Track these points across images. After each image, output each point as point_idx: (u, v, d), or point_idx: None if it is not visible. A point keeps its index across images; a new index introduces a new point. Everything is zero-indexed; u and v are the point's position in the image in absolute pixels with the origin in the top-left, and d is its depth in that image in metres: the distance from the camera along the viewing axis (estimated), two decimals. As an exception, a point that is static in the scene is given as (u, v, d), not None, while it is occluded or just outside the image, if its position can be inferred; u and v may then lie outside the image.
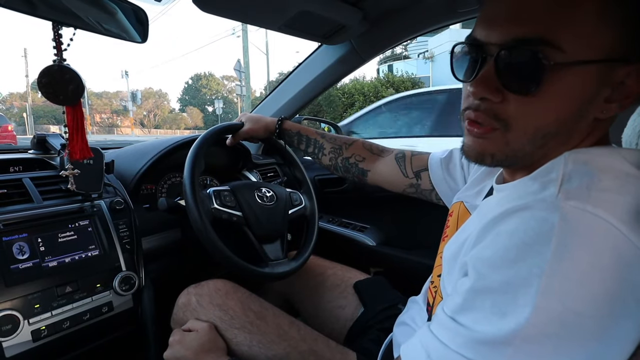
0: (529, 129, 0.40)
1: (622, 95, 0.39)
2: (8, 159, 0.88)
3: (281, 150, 1.05)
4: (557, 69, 0.37)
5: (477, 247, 0.39)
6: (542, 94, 0.38)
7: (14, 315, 0.65)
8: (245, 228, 0.85)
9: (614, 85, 0.39)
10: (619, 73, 0.38)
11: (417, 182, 0.82)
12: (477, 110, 0.42)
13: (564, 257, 0.32)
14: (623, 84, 0.39)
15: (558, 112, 0.39)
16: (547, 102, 0.39)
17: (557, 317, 0.31)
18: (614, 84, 0.39)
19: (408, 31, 1.02)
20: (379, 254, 1.32)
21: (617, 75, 0.38)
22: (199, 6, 0.76)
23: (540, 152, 0.42)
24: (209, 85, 45.69)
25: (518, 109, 0.40)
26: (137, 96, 25.45)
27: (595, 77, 0.38)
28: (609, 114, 0.40)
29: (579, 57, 0.37)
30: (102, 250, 0.79)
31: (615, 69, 0.38)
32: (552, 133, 0.40)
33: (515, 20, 0.38)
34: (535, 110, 0.39)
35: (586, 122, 0.41)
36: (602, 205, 0.34)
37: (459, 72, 0.45)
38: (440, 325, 0.39)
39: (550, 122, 0.40)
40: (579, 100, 0.39)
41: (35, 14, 0.55)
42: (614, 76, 0.38)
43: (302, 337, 0.73)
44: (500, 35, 0.39)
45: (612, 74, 0.38)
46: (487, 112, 0.42)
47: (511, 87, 0.39)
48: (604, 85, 0.39)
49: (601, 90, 0.39)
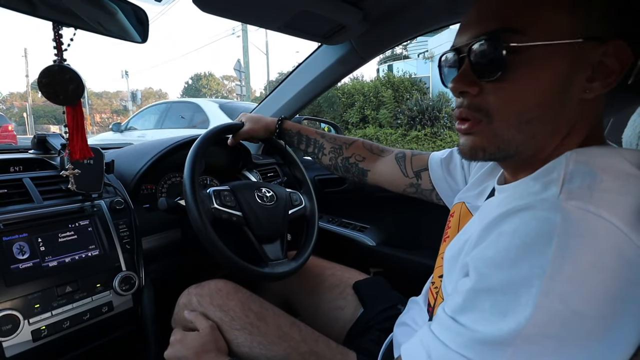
0: (510, 115, 0.42)
1: (604, 74, 0.40)
2: (8, 159, 0.88)
3: (281, 150, 1.05)
4: (520, 52, 0.40)
5: (479, 248, 0.39)
6: (514, 79, 0.41)
7: (14, 315, 0.65)
8: (245, 228, 0.85)
9: (594, 65, 0.40)
10: (595, 53, 0.40)
11: (417, 182, 0.82)
12: (461, 107, 0.45)
13: (565, 257, 0.32)
14: (602, 63, 0.40)
15: (536, 95, 0.41)
16: (520, 86, 0.41)
17: (558, 318, 0.31)
18: (593, 63, 0.40)
19: (408, 31, 1.02)
20: (378, 254, 1.32)
21: (593, 55, 0.40)
22: (199, 6, 0.76)
23: (532, 142, 0.43)
24: (209, 85, 45.67)
25: (495, 97, 0.43)
26: (137, 96, 25.42)
27: (567, 57, 0.40)
28: (593, 92, 0.41)
29: (541, 40, 0.40)
30: (102, 250, 0.79)
31: (588, 49, 0.39)
32: (535, 118, 0.42)
33: (481, 20, 0.43)
34: (511, 96, 0.42)
35: (571, 105, 0.42)
36: (604, 205, 0.34)
37: (447, 80, 0.49)
38: (441, 325, 0.39)
39: (530, 106, 0.42)
40: (554, 81, 0.40)
41: (36, 14, 0.55)
42: (589, 56, 0.40)
43: (303, 337, 0.73)
44: (470, 35, 0.44)
45: (586, 54, 0.40)
46: (470, 106, 0.45)
47: (483, 75, 0.43)
48: (582, 65, 0.40)
49: (579, 70, 0.40)
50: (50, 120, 34.35)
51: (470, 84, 0.44)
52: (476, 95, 0.44)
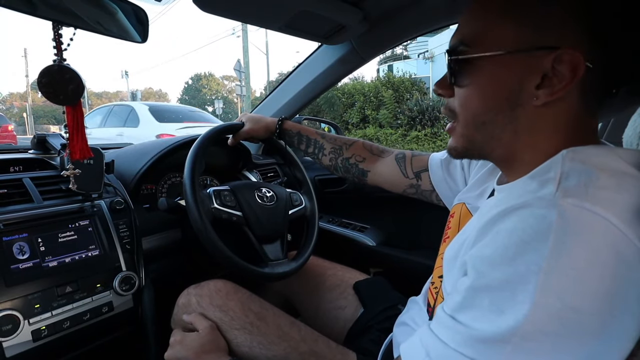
0: (467, 117, 0.47)
1: (557, 81, 0.40)
2: (8, 159, 0.88)
3: (282, 150, 1.05)
4: (469, 63, 0.45)
5: (477, 246, 0.39)
6: (468, 85, 0.46)
7: (14, 315, 0.65)
8: (245, 228, 0.85)
9: (547, 73, 0.40)
10: (544, 61, 0.40)
11: (417, 183, 0.82)
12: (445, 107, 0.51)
13: (562, 254, 0.32)
14: (556, 70, 0.40)
15: (485, 100, 0.45)
16: (473, 91, 0.46)
17: (556, 314, 0.32)
18: (545, 71, 0.40)
19: (408, 31, 1.02)
20: (378, 254, 1.32)
21: (543, 63, 0.40)
22: (199, 6, 0.76)
23: (495, 142, 0.46)
24: (209, 85, 45.68)
25: (458, 100, 0.48)
26: (137, 96, 25.41)
27: (513, 66, 0.42)
28: (540, 100, 0.42)
29: (483, 52, 0.43)
30: (102, 250, 0.79)
31: (538, 57, 0.40)
32: (488, 121, 0.45)
33: (455, 31, 0.48)
34: (467, 99, 0.47)
35: (525, 110, 0.43)
36: (600, 202, 0.34)
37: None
38: (440, 324, 0.39)
39: (481, 109, 0.46)
40: (502, 88, 0.44)
41: (36, 13, 0.55)
42: (540, 64, 0.40)
43: (303, 337, 0.73)
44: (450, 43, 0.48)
45: (535, 61, 0.41)
46: (446, 107, 0.51)
47: (451, 81, 0.48)
48: (531, 73, 0.41)
49: (528, 78, 0.42)
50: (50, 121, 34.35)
51: (444, 88, 0.50)
52: (449, 97, 0.50)
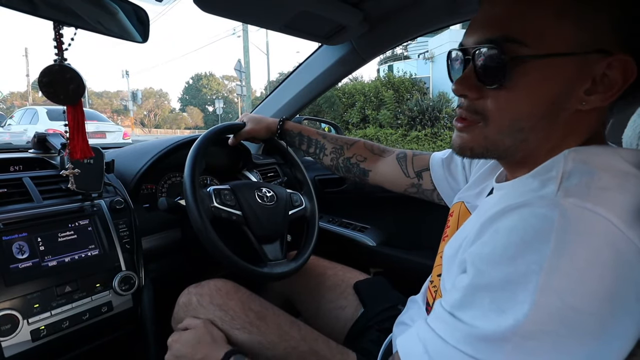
0: (504, 121, 0.43)
1: (606, 87, 0.40)
2: (8, 158, 0.88)
3: (282, 151, 1.05)
4: (522, 63, 0.40)
5: (476, 244, 0.39)
6: (514, 87, 0.41)
7: (13, 315, 0.65)
8: (244, 227, 0.85)
9: (597, 78, 0.40)
10: (598, 65, 0.39)
11: (418, 182, 0.82)
12: (461, 107, 0.47)
13: (563, 254, 0.32)
14: (606, 76, 0.39)
15: (532, 105, 0.42)
16: (518, 94, 0.41)
17: (556, 314, 0.32)
18: (595, 76, 0.39)
19: (409, 32, 1.02)
20: (379, 254, 1.32)
21: (597, 68, 0.39)
22: (200, 6, 0.76)
23: (522, 146, 0.44)
24: (209, 85, 45.68)
25: (493, 102, 0.43)
26: (138, 96, 25.42)
27: (569, 70, 0.40)
28: (589, 105, 0.41)
29: (543, 51, 0.39)
30: (101, 249, 0.79)
31: (591, 62, 0.39)
32: (528, 127, 0.43)
33: (486, 24, 0.43)
34: (509, 103, 0.42)
35: (566, 115, 0.42)
36: (601, 203, 0.34)
37: (454, 76, 0.49)
38: (438, 319, 0.39)
39: (524, 114, 0.42)
40: (552, 93, 0.41)
41: (37, 13, 0.55)
42: (592, 68, 0.39)
43: (303, 337, 0.73)
44: (476, 38, 0.44)
45: (589, 66, 0.39)
46: (469, 108, 0.46)
47: (484, 81, 0.43)
48: (582, 78, 0.40)
49: (578, 82, 0.40)
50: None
51: (471, 87, 0.45)
52: (476, 98, 0.45)
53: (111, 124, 9.21)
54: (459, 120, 0.47)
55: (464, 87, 0.45)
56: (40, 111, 7.62)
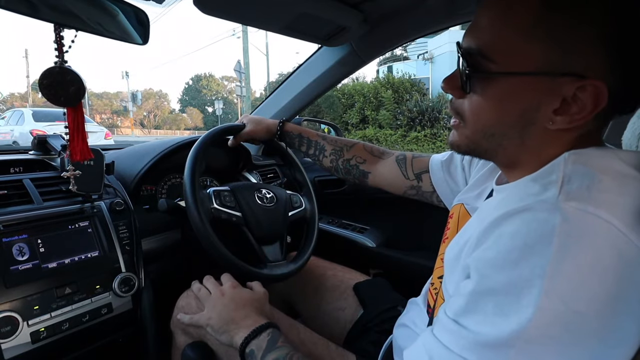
0: (477, 126, 0.46)
1: (577, 108, 0.39)
2: (8, 160, 0.88)
3: (282, 152, 1.05)
4: (491, 77, 0.42)
5: (479, 249, 0.39)
6: (485, 96, 0.44)
7: (13, 317, 0.65)
8: (244, 229, 0.85)
9: (567, 98, 0.39)
10: (569, 86, 0.38)
11: (418, 184, 0.82)
12: (450, 104, 0.50)
13: (565, 257, 0.32)
14: (577, 98, 0.39)
15: (499, 115, 0.43)
16: (489, 104, 0.44)
17: (560, 318, 0.32)
18: (565, 96, 0.39)
19: (408, 33, 1.03)
20: (378, 255, 1.32)
21: (567, 88, 0.39)
22: (200, 8, 0.76)
23: (501, 150, 0.46)
24: (209, 86, 45.68)
25: (469, 107, 0.46)
26: (138, 97, 25.43)
27: (536, 88, 0.40)
28: (556, 126, 0.41)
29: (509, 69, 0.41)
30: (101, 251, 0.79)
31: (561, 83, 0.39)
32: (499, 133, 0.45)
33: (470, 33, 0.45)
34: (480, 110, 0.45)
35: (536, 129, 0.42)
36: (602, 205, 0.34)
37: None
38: (443, 328, 0.39)
39: (494, 122, 0.44)
40: (518, 107, 0.42)
41: (37, 16, 0.55)
42: (563, 89, 0.39)
43: (301, 340, 0.72)
44: (463, 43, 0.45)
45: (558, 87, 0.39)
46: (452, 107, 0.49)
47: (462, 86, 0.45)
48: (550, 97, 0.40)
49: (546, 101, 0.40)
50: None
51: (453, 88, 0.47)
52: (458, 98, 0.48)
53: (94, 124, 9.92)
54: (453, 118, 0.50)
55: (447, 86, 0.48)
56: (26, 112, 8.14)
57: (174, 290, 0.83)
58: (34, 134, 1.01)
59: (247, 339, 0.63)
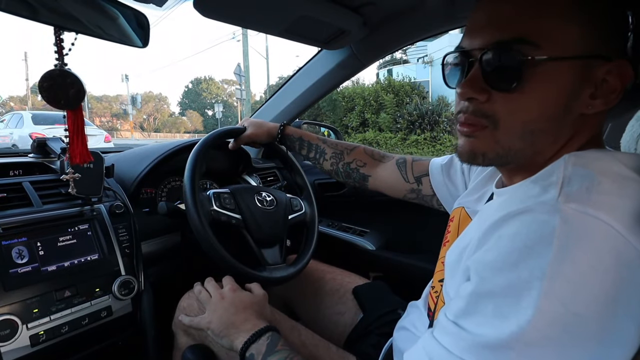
0: (516, 124, 0.42)
1: (606, 91, 0.41)
2: (8, 163, 0.88)
3: (283, 155, 1.05)
4: (535, 65, 0.40)
5: (479, 251, 0.39)
6: (524, 90, 0.41)
7: (13, 320, 0.64)
8: (244, 231, 0.85)
9: (597, 83, 0.40)
10: (599, 70, 0.40)
11: (418, 188, 0.82)
12: (467, 112, 0.45)
13: (565, 259, 0.32)
14: (605, 81, 0.40)
15: (542, 107, 0.41)
16: (530, 97, 0.41)
17: (559, 320, 0.32)
18: (596, 81, 0.40)
19: (408, 37, 1.03)
20: (378, 258, 1.31)
21: (598, 73, 0.40)
22: (200, 11, 0.76)
23: (531, 149, 0.44)
24: (209, 89, 45.79)
25: (504, 106, 0.42)
26: (137, 100, 25.50)
27: (575, 73, 0.40)
28: (595, 109, 0.42)
29: (555, 54, 0.39)
30: (101, 254, 0.79)
31: (594, 67, 0.40)
32: (539, 129, 0.42)
33: (495, 26, 0.42)
34: (520, 106, 0.42)
35: (572, 118, 0.42)
36: (602, 208, 0.34)
37: (450, 80, 0.49)
38: (443, 330, 0.39)
39: (536, 117, 0.42)
40: (562, 96, 0.41)
41: (37, 19, 0.56)
42: (594, 74, 0.40)
43: (303, 342, 0.72)
44: (482, 40, 0.43)
45: (591, 71, 0.40)
46: (476, 112, 0.44)
47: (495, 85, 0.42)
48: (586, 82, 0.41)
49: (584, 86, 0.41)
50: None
51: (479, 91, 0.43)
52: (484, 102, 0.43)
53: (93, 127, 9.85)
54: (465, 125, 0.45)
55: (472, 90, 0.43)
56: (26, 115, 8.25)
57: (173, 293, 0.83)
58: (34, 137, 1.00)
59: (247, 343, 0.63)
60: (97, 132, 8.69)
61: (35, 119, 7.86)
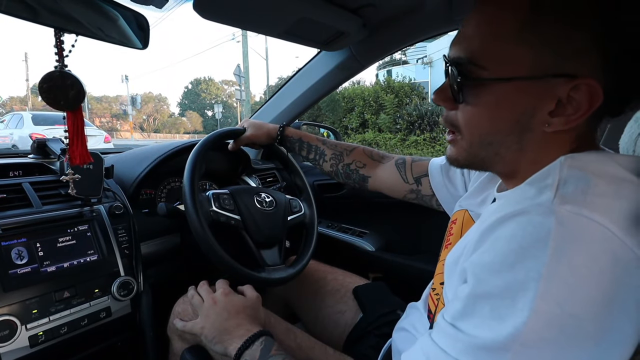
0: (473, 135, 0.46)
1: (572, 109, 0.40)
2: (8, 164, 0.88)
3: (282, 156, 1.05)
4: (483, 85, 0.43)
5: (476, 253, 0.39)
6: (476, 105, 0.44)
7: (12, 321, 0.64)
8: (243, 232, 0.85)
9: (562, 99, 0.40)
10: (563, 87, 0.39)
11: (417, 188, 0.82)
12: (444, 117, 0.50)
13: (560, 260, 0.32)
14: (572, 98, 0.40)
15: (495, 122, 0.44)
16: (480, 112, 0.44)
17: (556, 321, 0.32)
18: (559, 98, 0.40)
19: (407, 38, 1.03)
20: (378, 259, 1.31)
21: (561, 90, 0.40)
22: (200, 13, 0.77)
23: (498, 158, 0.46)
24: (208, 90, 45.79)
25: (463, 117, 0.46)
26: (137, 100, 25.50)
27: (529, 92, 0.41)
28: (552, 128, 0.41)
29: (503, 74, 0.41)
30: (100, 255, 0.79)
31: (555, 84, 0.40)
32: (496, 141, 0.45)
33: (458, 43, 0.45)
34: (475, 119, 0.45)
35: (535, 134, 0.43)
36: (597, 209, 0.34)
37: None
38: (440, 332, 0.39)
39: (490, 130, 0.45)
40: (513, 113, 0.43)
41: (38, 20, 0.56)
42: (556, 90, 0.40)
43: (299, 345, 0.72)
44: (451, 53, 0.46)
45: (552, 88, 0.40)
46: (446, 119, 0.49)
47: (455, 97, 0.46)
48: (544, 100, 0.41)
49: (540, 104, 0.41)
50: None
51: (445, 99, 0.48)
52: (451, 110, 0.48)
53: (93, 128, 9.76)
54: (448, 132, 0.50)
55: (439, 97, 0.48)
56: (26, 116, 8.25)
57: (173, 294, 0.83)
58: (34, 137, 1.00)
59: (241, 350, 0.62)
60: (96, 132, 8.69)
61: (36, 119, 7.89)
